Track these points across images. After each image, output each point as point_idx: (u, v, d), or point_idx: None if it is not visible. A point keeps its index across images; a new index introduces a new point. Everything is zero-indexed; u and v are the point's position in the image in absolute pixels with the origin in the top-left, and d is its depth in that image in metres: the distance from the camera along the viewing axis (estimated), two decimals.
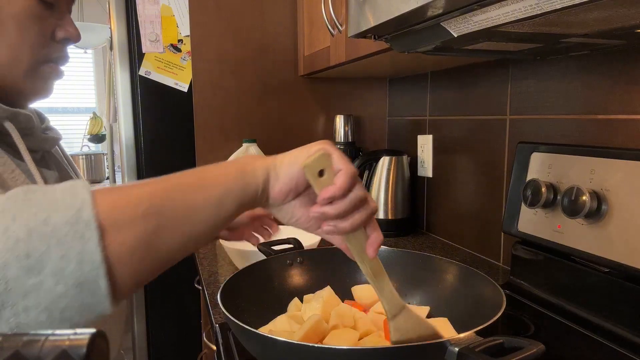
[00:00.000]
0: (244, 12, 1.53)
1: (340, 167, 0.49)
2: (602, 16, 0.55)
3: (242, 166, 0.47)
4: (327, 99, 1.65)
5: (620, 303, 0.76)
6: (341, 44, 1.17)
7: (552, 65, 0.96)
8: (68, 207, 0.35)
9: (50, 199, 0.35)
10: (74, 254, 0.34)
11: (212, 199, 0.44)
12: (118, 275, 0.36)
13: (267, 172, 0.48)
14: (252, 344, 0.64)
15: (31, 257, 0.33)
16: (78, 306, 0.34)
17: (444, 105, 1.34)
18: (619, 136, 0.83)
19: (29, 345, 0.25)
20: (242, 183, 0.46)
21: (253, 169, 0.47)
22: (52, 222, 0.34)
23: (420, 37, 0.75)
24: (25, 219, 0.34)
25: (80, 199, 0.36)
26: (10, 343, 0.25)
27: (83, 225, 0.34)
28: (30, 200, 0.35)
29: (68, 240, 0.34)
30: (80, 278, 0.34)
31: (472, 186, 1.23)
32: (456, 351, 0.52)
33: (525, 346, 0.51)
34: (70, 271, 0.34)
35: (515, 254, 0.98)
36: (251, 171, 0.47)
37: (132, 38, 1.73)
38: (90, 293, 0.35)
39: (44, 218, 0.34)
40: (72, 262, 0.34)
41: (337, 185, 0.48)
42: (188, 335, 1.87)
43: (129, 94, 1.76)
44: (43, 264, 0.33)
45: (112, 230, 0.36)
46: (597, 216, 0.76)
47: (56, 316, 0.34)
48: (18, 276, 0.32)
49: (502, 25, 0.60)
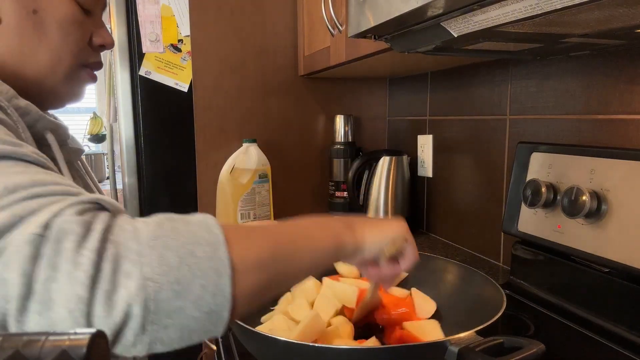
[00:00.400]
0: (244, 12, 1.53)
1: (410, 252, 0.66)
2: (602, 16, 0.55)
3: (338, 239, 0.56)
4: (327, 99, 1.65)
5: (620, 303, 0.76)
6: (341, 44, 1.17)
7: (552, 65, 0.96)
8: (208, 243, 0.40)
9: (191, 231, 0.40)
10: (211, 287, 0.38)
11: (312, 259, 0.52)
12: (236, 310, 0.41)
13: (355, 249, 0.58)
14: (252, 344, 0.64)
15: (180, 284, 0.37)
16: (202, 330, 0.39)
17: (444, 105, 1.34)
18: (619, 136, 0.83)
19: (29, 345, 0.25)
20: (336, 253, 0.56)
21: (344, 245, 0.56)
22: (197, 255, 0.38)
23: (420, 37, 0.75)
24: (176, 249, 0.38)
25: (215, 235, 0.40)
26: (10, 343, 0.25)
27: (219, 262, 0.39)
28: (176, 230, 0.39)
29: (208, 274, 0.38)
30: (212, 307, 0.39)
31: (472, 186, 1.23)
32: (456, 351, 0.52)
33: (525, 346, 0.51)
34: (207, 301, 0.38)
35: (515, 254, 0.98)
36: (343, 246, 0.56)
37: (132, 38, 1.73)
38: (214, 321, 0.39)
39: (190, 251, 0.38)
40: (209, 293, 0.38)
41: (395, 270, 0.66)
42: None
43: (129, 94, 1.76)
44: (188, 291, 0.37)
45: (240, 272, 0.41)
46: (597, 216, 0.76)
47: (185, 336, 0.38)
48: (168, 298, 0.36)
49: (502, 25, 0.60)
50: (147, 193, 1.78)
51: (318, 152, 1.66)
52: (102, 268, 0.35)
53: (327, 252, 0.54)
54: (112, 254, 0.36)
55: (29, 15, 0.58)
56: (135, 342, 0.36)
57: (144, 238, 0.38)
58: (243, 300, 0.41)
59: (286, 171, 1.62)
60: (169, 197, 1.80)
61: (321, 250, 0.53)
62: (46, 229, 0.35)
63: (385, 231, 0.63)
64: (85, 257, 0.35)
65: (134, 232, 0.38)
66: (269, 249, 0.45)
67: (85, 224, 0.37)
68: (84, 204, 0.39)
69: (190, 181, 1.66)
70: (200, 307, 0.38)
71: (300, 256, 0.49)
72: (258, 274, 0.43)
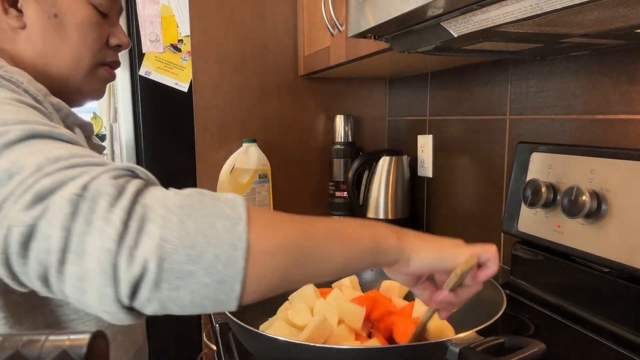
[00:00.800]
0: (244, 12, 1.53)
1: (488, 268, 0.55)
2: (602, 16, 0.55)
3: (380, 240, 0.51)
4: (327, 99, 1.65)
5: (620, 303, 0.76)
6: (341, 44, 1.17)
7: (552, 65, 0.96)
8: (228, 218, 0.42)
9: (217, 206, 0.42)
10: (224, 257, 0.40)
11: (344, 258, 0.49)
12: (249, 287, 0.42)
13: (398, 257, 0.53)
14: (252, 344, 0.64)
15: (194, 250, 0.39)
16: (214, 298, 0.41)
17: (444, 105, 1.34)
18: (619, 136, 0.83)
19: (29, 345, 0.25)
20: (374, 256, 0.51)
21: (387, 249, 0.52)
22: (216, 227, 0.41)
23: (420, 37, 0.75)
24: (197, 219, 0.41)
25: (238, 213, 0.42)
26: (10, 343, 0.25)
27: (237, 236, 0.41)
28: (202, 202, 0.42)
29: (223, 245, 0.40)
30: (224, 277, 0.40)
31: (472, 186, 1.23)
32: (457, 351, 0.52)
33: (526, 345, 0.51)
34: (218, 270, 0.40)
35: (515, 254, 0.98)
36: (385, 250, 0.52)
37: (132, 38, 1.73)
38: (226, 292, 0.41)
39: (211, 222, 0.41)
40: (221, 263, 0.40)
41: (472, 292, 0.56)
42: (188, 335, 1.87)
43: (129, 94, 1.76)
44: (201, 257, 0.40)
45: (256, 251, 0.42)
46: (597, 216, 0.76)
47: (196, 300, 0.41)
48: (181, 261, 0.39)
49: (502, 25, 0.60)
50: None
51: (318, 152, 1.66)
52: (129, 226, 0.39)
53: (363, 252, 0.50)
54: (139, 214, 0.40)
55: (50, 19, 0.63)
56: (150, 298, 0.40)
57: (171, 205, 0.41)
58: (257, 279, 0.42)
59: (286, 171, 1.62)
60: None
61: (356, 249, 0.50)
62: (84, 190, 0.40)
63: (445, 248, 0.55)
64: (116, 215, 0.39)
65: (163, 198, 0.41)
66: (293, 236, 0.45)
67: (119, 187, 0.41)
68: (119, 170, 0.43)
69: (190, 181, 1.66)
70: (211, 274, 0.40)
71: (329, 250, 0.47)
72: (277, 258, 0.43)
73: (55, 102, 0.60)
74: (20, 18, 0.62)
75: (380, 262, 0.53)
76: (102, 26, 0.68)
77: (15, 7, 0.62)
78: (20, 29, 0.63)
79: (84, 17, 0.65)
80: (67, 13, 0.64)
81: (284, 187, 1.61)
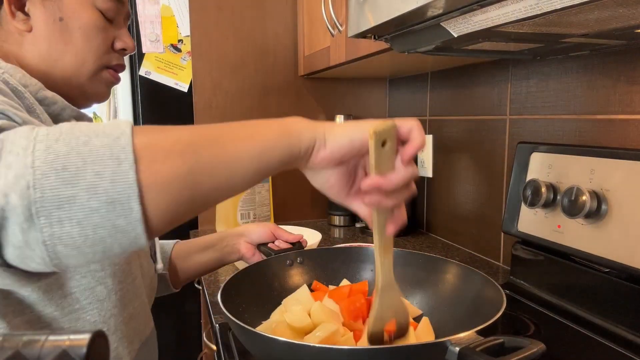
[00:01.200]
0: (244, 12, 1.53)
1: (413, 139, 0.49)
2: (602, 16, 0.55)
3: (288, 126, 0.47)
4: (327, 99, 1.65)
5: (620, 303, 0.76)
6: (341, 44, 1.17)
7: (552, 65, 0.96)
8: (108, 135, 0.37)
9: (94, 128, 0.38)
10: (108, 172, 0.36)
11: (254, 152, 0.44)
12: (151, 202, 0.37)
13: (313, 138, 0.48)
14: (252, 344, 0.64)
15: (67, 170, 0.35)
16: (110, 226, 0.36)
17: (444, 105, 1.34)
18: (619, 136, 0.83)
19: (29, 345, 0.25)
20: (286, 143, 0.46)
21: (299, 132, 0.47)
22: (92, 143, 0.36)
23: (420, 37, 0.75)
24: (67, 140, 0.36)
25: (121, 129, 0.38)
26: (10, 343, 0.25)
27: (119, 149, 0.36)
28: (74, 127, 0.38)
29: (104, 160, 0.36)
30: (113, 196, 0.36)
31: (472, 186, 1.23)
32: (457, 351, 0.52)
33: (525, 345, 0.51)
34: (104, 188, 0.35)
35: (515, 254, 0.98)
36: (296, 133, 0.47)
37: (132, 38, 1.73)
38: (122, 214, 0.36)
39: (85, 141, 0.36)
40: (106, 180, 0.35)
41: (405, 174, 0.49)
42: (188, 335, 1.86)
43: (129, 94, 1.76)
44: (78, 178, 0.35)
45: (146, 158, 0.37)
46: (597, 216, 0.76)
47: (89, 233, 0.36)
48: (54, 186, 0.34)
49: (502, 25, 0.60)
50: None
51: None
52: None
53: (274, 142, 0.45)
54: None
55: (56, 22, 0.64)
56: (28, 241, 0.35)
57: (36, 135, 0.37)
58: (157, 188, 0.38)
59: (286, 171, 1.61)
60: None
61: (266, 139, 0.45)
62: None
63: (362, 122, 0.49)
64: None
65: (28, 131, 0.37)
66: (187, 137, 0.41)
67: None
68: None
69: None
70: (97, 195, 0.35)
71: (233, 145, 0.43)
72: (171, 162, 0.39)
73: (50, 95, 0.61)
74: (27, 21, 0.64)
75: (296, 148, 0.47)
76: (107, 30, 0.69)
77: (23, 11, 0.63)
78: (27, 32, 0.64)
79: (89, 21, 0.66)
80: (73, 17, 0.65)
81: (284, 187, 1.61)
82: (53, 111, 0.62)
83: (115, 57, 0.72)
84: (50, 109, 0.61)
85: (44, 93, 0.61)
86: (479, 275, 0.76)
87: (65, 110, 0.64)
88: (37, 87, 0.60)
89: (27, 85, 0.58)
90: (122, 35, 0.72)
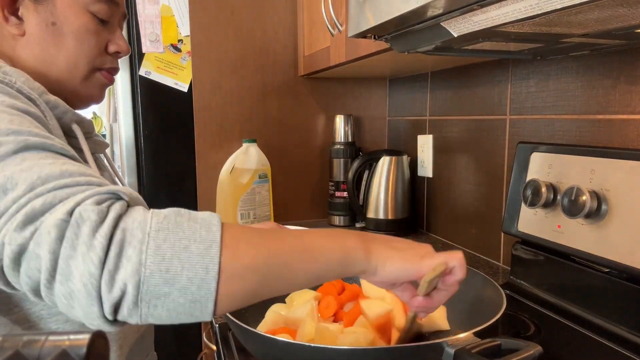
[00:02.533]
0: (244, 12, 1.53)
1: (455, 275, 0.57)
2: (602, 16, 0.55)
3: (348, 252, 0.53)
4: (327, 99, 1.65)
5: (620, 303, 0.76)
6: (341, 44, 1.17)
7: (552, 65, 0.96)
8: (203, 240, 0.44)
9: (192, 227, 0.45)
10: (197, 279, 0.43)
11: (313, 271, 0.51)
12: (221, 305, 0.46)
13: (365, 269, 0.54)
14: (252, 344, 0.64)
15: (169, 273, 0.43)
16: (189, 314, 0.45)
17: (444, 105, 1.34)
18: (619, 136, 0.83)
19: (29, 345, 0.25)
20: (341, 268, 0.53)
21: (354, 261, 0.53)
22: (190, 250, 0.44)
23: (420, 37, 0.75)
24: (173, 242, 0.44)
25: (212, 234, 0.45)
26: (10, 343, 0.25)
27: (209, 259, 0.44)
28: (178, 225, 0.45)
29: (197, 268, 0.43)
30: (197, 297, 0.44)
31: (472, 186, 1.23)
32: (452, 352, 0.52)
33: (522, 348, 0.51)
34: (191, 291, 0.43)
35: (515, 254, 0.98)
36: (352, 262, 0.53)
37: (132, 38, 1.73)
38: (199, 309, 0.45)
39: (185, 245, 0.44)
40: (194, 285, 0.43)
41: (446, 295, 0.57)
42: (188, 335, 1.87)
43: (129, 94, 1.76)
44: (176, 280, 0.43)
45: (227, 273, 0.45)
46: (597, 216, 0.76)
47: (172, 316, 0.44)
48: (157, 283, 0.42)
49: (502, 25, 0.60)
50: (147, 193, 1.78)
51: (318, 152, 1.66)
52: (110, 250, 0.42)
53: (330, 265, 0.52)
54: (119, 239, 0.43)
55: (49, 27, 0.65)
56: (131, 314, 0.43)
57: (149, 228, 0.44)
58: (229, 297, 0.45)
59: (286, 171, 1.62)
60: (169, 197, 1.80)
61: (324, 263, 0.51)
62: (70, 215, 0.43)
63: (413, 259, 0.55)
64: (98, 241, 0.42)
65: (142, 222, 0.44)
66: (264, 255, 0.48)
67: (101, 213, 0.43)
68: (103, 194, 0.45)
69: (190, 181, 1.66)
70: (185, 295, 0.43)
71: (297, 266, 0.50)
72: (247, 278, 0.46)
73: (52, 99, 0.62)
74: (20, 26, 0.64)
75: (348, 273, 0.54)
76: (100, 33, 0.69)
77: (16, 15, 0.64)
78: (20, 36, 0.65)
79: (81, 25, 0.66)
80: (65, 21, 0.65)
81: (284, 187, 1.61)
82: (55, 115, 0.62)
83: (109, 60, 0.72)
84: (52, 113, 0.62)
85: (47, 97, 0.61)
86: (479, 275, 0.76)
87: (67, 114, 0.64)
88: (40, 90, 0.60)
89: (32, 89, 0.59)
90: (116, 38, 0.72)
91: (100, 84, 0.72)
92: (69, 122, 0.65)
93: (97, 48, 0.69)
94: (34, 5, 0.64)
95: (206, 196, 1.55)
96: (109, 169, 0.80)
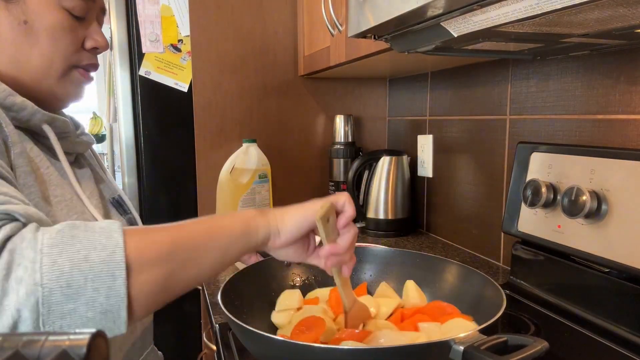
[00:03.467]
0: (244, 12, 1.53)
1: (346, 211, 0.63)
2: (602, 16, 0.55)
3: (247, 223, 0.56)
4: (327, 99, 1.65)
5: (620, 303, 0.76)
6: (341, 44, 1.17)
7: (552, 65, 0.96)
8: (104, 247, 0.42)
9: (90, 237, 0.43)
10: (104, 288, 0.41)
11: (219, 248, 0.52)
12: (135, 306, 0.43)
13: (268, 231, 0.57)
14: (252, 344, 0.64)
15: (71, 288, 0.40)
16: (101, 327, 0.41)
17: (444, 105, 1.34)
18: (619, 136, 0.83)
19: (29, 345, 0.25)
20: (246, 238, 0.55)
21: (256, 228, 0.56)
22: (91, 259, 0.41)
23: (420, 37, 0.75)
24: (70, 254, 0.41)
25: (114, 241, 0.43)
26: (10, 343, 0.25)
27: (114, 265, 0.42)
28: (74, 237, 0.42)
29: (102, 276, 0.41)
30: (107, 308, 0.41)
31: (472, 186, 1.23)
32: (461, 350, 0.52)
33: (529, 344, 0.51)
34: (100, 302, 0.41)
35: (515, 254, 0.98)
36: (254, 229, 0.56)
37: (132, 38, 1.72)
38: (112, 320, 0.42)
39: (85, 255, 0.41)
40: (102, 295, 0.41)
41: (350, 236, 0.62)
42: (188, 335, 1.86)
43: (129, 94, 1.76)
44: (79, 294, 0.40)
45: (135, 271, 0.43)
46: (597, 216, 0.76)
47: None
48: (59, 302, 0.39)
49: (502, 25, 0.60)
50: (147, 193, 1.78)
51: (318, 152, 1.66)
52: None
53: (235, 238, 0.54)
54: (5, 261, 0.39)
55: (20, 25, 0.63)
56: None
57: (41, 246, 0.41)
58: (141, 299, 0.44)
59: (286, 171, 1.62)
60: (169, 197, 1.80)
61: (228, 237, 0.53)
62: None
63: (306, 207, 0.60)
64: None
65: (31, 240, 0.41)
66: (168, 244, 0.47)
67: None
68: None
69: (190, 181, 1.66)
70: (93, 308, 0.41)
71: (203, 248, 0.50)
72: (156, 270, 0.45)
73: (19, 101, 0.61)
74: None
75: (253, 243, 0.56)
76: (75, 30, 0.66)
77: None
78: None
79: (55, 21, 0.64)
80: (37, 19, 0.63)
81: (284, 187, 1.61)
82: (22, 117, 0.61)
83: (86, 57, 0.69)
84: (19, 115, 0.61)
85: (13, 99, 0.60)
86: (479, 275, 0.76)
87: (36, 115, 0.63)
88: (5, 93, 0.59)
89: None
90: (93, 34, 0.69)
91: (77, 82, 0.69)
92: (38, 122, 0.63)
93: (73, 45, 0.66)
94: (4, 4, 0.61)
95: (206, 196, 1.55)
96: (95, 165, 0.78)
